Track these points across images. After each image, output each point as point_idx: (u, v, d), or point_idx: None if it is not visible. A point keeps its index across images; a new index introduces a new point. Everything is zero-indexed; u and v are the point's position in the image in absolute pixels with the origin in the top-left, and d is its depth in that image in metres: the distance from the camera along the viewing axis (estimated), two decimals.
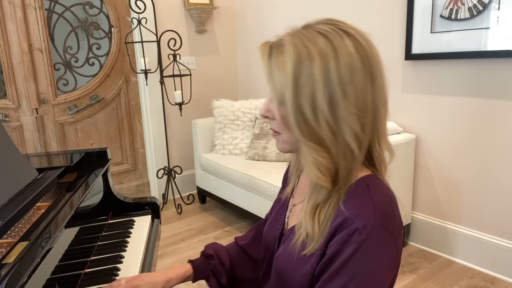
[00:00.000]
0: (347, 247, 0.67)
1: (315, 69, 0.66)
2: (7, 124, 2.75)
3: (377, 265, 0.67)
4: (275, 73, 0.69)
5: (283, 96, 0.69)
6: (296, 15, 2.93)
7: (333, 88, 0.66)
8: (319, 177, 0.69)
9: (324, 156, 0.69)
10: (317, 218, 0.72)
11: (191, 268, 0.98)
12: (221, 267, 0.99)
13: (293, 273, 0.76)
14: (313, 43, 0.68)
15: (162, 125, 3.24)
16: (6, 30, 2.65)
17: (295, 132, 0.70)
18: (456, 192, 2.23)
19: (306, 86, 0.67)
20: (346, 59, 0.67)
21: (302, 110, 0.68)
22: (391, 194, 0.75)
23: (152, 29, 3.00)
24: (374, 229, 0.66)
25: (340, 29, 0.70)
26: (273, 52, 0.71)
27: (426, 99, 2.28)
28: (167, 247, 2.59)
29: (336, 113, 0.67)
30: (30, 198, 1.03)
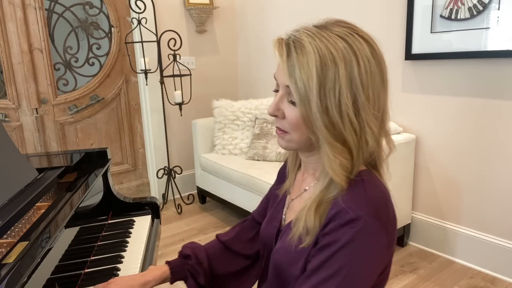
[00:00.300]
0: (340, 237, 0.68)
1: (340, 74, 0.68)
2: (7, 124, 2.75)
3: (368, 256, 0.68)
4: (298, 74, 0.69)
5: (307, 98, 0.70)
6: (296, 15, 2.93)
7: (357, 92, 0.69)
8: (340, 177, 0.71)
9: (348, 158, 0.71)
10: (318, 213, 0.74)
11: (168, 269, 0.97)
12: (198, 267, 0.99)
13: (289, 267, 0.78)
14: (334, 47, 0.69)
15: (162, 125, 3.24)
16: (6, 30, 2.65)
17: (323, 134, 0.70)
18: (456, 192, 2.23)
19: (332, 89, 0.68)
20: (366, 65, 0.70)
21: (328, 112, 0.69)
22: (385, 190, 0.76)
23: (152, 29, 3.00)
24: (367, 220, 0.67)
25: (356, 33, 0.72)
26: (292, 51, 0.71)
27: (426, 99, 2.28)
28: (167, 247, 2.59)
29: (360, 115, 0.70)
30: (30, 198, 1.03)
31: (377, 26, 2.44)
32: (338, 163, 0.70)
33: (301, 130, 0.74)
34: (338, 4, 2.65)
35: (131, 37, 3.08)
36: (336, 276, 0.67)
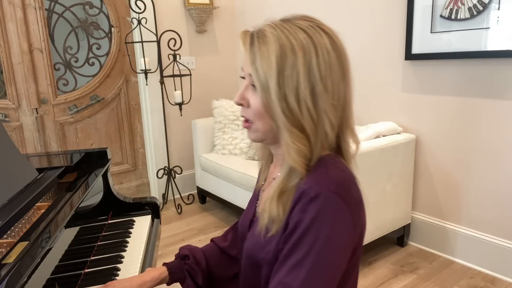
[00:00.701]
0: (305, 217, 0.69)
1: (298, 62, 0.71)
2: (7, 124, 2.75)
3: (335, 232, 0.69)
4: (259, 62, 0.73)
5: (267, 85, 0.72)
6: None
7: (315, 81, 0.72)
8: (299, 163, 0.73)
9: (306, 145, 0.73)
10: (281, 201, 0.75)
11: (166, 270, 0.97)
12: (197, 267, 0.99)
13: (260, 252, 0.79)
14: (294, 37, 0.72)
15: (162, 125, 3.24)
16: (6, 30, 2.65)
17: (280, 120, 0.73)
18: (456, 192, 2.23)
19: (290, 77, 0.71)
20: (325, 55, 0.73)
21: (286, 99, 0.72)
22: (348, 172, 0.77)
23: (152, 29, 3.00)
24: (329, 196, 0.69)
25: (318, 26, 0.76)
26: (255, 41, 0.74)
27: (426, 99, 2.28)
28: (167, 247, 2.59)
29: (317, 104, 0.72)
30: (30, 198, 1.03)
31: (377, 26, 2.44)
32: (295, 149, 0.72)
33: (264, 119, 0.76)
34: (338, 4, 2.64)
35: (131, 37, 3.08)
36: (309, 255, 0.68)
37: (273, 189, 0.77)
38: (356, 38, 2.57)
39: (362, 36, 2.53)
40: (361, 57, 2.56)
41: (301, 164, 0.73)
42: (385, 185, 2.21)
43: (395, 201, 2.29)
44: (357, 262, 0.79)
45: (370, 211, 2.44)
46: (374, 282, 2.10)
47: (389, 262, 2.28)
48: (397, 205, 2.32)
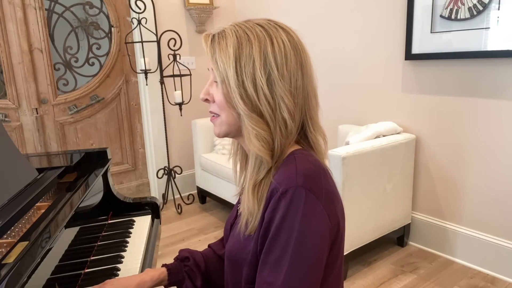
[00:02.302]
0: (276, 214, 0.71)
1: (254, 51, 0.75)
2: (7, 124, 2.75)
3: (308, 226, 0.70)
4: (218, 55, 0.78)
5: (226, 75, 0.77)
6: (295, 15, 2.93)
7: (270, 68, 0.75)
8: (261, 150, 0.76)
9: (265, 129, 0.76)
10: (256, 195, 0.77)
11: (166, 271, 0.97)
12: (196, 269, 0.99)
13: (240, 253, 0.81)
14: (251, 31, 0.77)
15: (162, 125, 3.24)
16: (6, 30, 2.65)
17: (239, 106, 0.76)
18: (456, 192, 2.23)
19: (247, 65, 0.75)
20: (280, 46, 0.76)
21: (244, 86, 0.75)
22: (319, 164, 0.78)
23: (152, 29, 3.00)
24: (298, 190, 0.70)
25: (276, 24, 0.80)
26: (215, 38, 0.79)
27: (426, 99, 2.28)
28: (167, 247, 2.59)
29: (274, 89, 0.75)
30: (30, 198, 1.03)
31: (377, 26, 2.44)
32: (255, 134, 0.75)
33: (226, 110, 0.80)
34: (338, 4, 2.64)
35: (131, 37, 3.08)
36: (286, 251, 0.70)
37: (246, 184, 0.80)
38: (356, 38, 2.57)
39: (362, 36, 2.53)
40: (361, 57, 2.56)
41: (263, 150, 0.75)
42: (385, 185, 2.21)
43: (395, 201, 2.29)
44: (339, 254, 0.80)
45: (370, 211, 2.43)
46: (374, 282, 2.10)
47: (389, 262, 2.28)
48: (397, 205, 2.32)
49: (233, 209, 0.97)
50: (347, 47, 2.64)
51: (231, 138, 0.89)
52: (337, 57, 2.71)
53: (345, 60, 2.67)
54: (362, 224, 2.15)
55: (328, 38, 2.75)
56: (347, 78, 2.68)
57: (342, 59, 2.68)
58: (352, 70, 2.64)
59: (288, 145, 0.79)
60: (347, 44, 2.63)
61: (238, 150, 0.92)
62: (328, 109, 2.81)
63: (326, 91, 2.80)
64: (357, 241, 2.15)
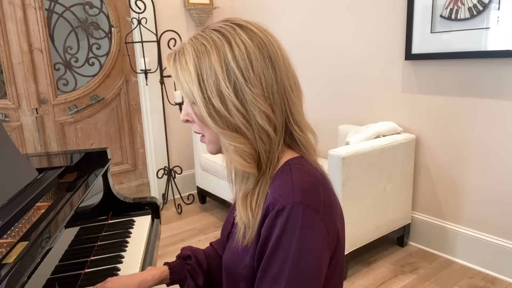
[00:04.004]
0: (273, 231, 0.68)
1: (214, 61, 0.70)
2: (7, 124, 2.75)
3: (306, 243, 0.68)
4: (180, 75, 0.73)
5: (192, 94, 0.72)
6: (295, 15, 2.93)
7: (235, 75, 0.70)
8: (244, 164, 0.72)
9: (243, 142, 0.72)
10: (249, 205, 0.74)
11: (167, 269, 0.97)
12: (198, 268, 0.98)
13: (237, 267, 0.78)
14: (207, 39, 0.72)
15: (162, 125, 3.24)
16: (6, 30, 2.65)
17: (211, 125, 0.72)
18: (456, 192, 2.23)
19: (209, 79, 0.70)
20: (241, 48, 0.71)
21: (211, 102, 0.71)
22: (316, 173, 0.75)
23: (152, 29, 3.00)
24: (295, 207, 0.67)
25: (233, 23, 0.74)
26: (176, 57, 0.75)
27: (426, 99, 2.28)
28: (167, 247, 2.59)
29: (243, 98, 0.70)
30: (30, 198, 1.03)
31: (377, 26, 2.44)
32: (233, 150, 0.72)
33: (206, 128, 0.76)
34: (338, 4, 2.64)
35: (131, 37, 3.08)
36: (283, 271, 0.68)
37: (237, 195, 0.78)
38: (356, 38, 2.57)
39: (362, 36, 2.53)
40: (361, 57, 2.56)
41: (246, 164, 0.72)
42: (385, 185, 2.21)
43: (395, 201, 2.29)
44: (338, 263, 0.78)
45: (370, 211, 2.43)
46: (374, 282, 2.10)
47: (389, 262, 2.28)
48: (397, 205, 2.32)
49: (229, 215, 0.95)
50: (347, 47, 2.64)
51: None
52: (337, 57, 2.71)
53: (345, 60, 2.67)
54: (362, 224, 2.15)
55: (328, 38, 2.75)
56: (347, 78, 2.68)
57: (342, 59, 2.68)
58: (352, 70, 2.64)
59: (276, 149, 0.74)
60: (347, 44, 2.63)
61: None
62: (328, 109, 2.81)
63: (326, 91, 2.80)
64: (357, 241, 2.15)
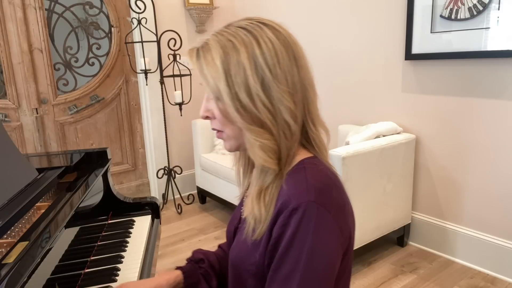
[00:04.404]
0: (287, 230, 0.69)
1: (242, 57, 0.71)
2: (7, 124, 2.75)
3: (319, 242, 0.68)
4: (206, 70, 0.73)
5: (218, 90, 0.72)
6: (296, 15, 2.93)
7: (263, 72, 0.71)
8: (267, 160, 0.73)
9: (268, 138, 0.72)
10: (262, 200, 0.74)
11: (181, 274, 0.96)
12: (211, 271, 0.98)
13: (244, 263, 0.78)
14: (234, 36, 0.73)
15: (162, 125, 3.24)
16: (6, 30, 2.65)
17: (237, 121, 0.73)
18: (456, 192, 2.23)
19: (238, 75, 0.71)
20: (268, 45, 0.72)
21: (238, 97, 0.71)
22: (329, 173, 0.76)
23: (152, 29, 3.00)
24: (309, 206, 0.68)
25: (258, 22, 0.76)
26: (200, 52, 0.75)
27: (426, 99, 2.28)
28: (167, 247, 2.59)
29: (270, 94, 0.72)
30: (30, 198, 1.03)
31: (377, 26, 2.44)
32: (258, 146, 0.72)
33: (228, 125, 0.76)
34: (338, 4, 2.64)
35: (131, 37, 3.08)
36: (296, 269, 0.68)
37: (252, 190, 0.77)
38: (356, 38, 2.57)
39: (362, 36, 2.53)
40: (361, 57, 2.56)
41: (270, 160, 0.73)
42: (385, 185, 2.21)
43: (395, 201, 2.29)
44: (348, 264, 0.78)
45: (370, 211, 2.42)
46: (374, 282, 2.10)
47: (389, 262, 2.28)
48: (397, 205, 2.32)
49: (236, 211, 0.95)
50: (347, 47, 2.64)
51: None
52: (337, 57, 2.71)
53: (345, 60, 2.67)
54: (362, 224, 2.15)
55: (328, 38, 2.75)
56: (347, 78, 2.68)
57: (342, 59, 2.68)
58: (352, 70, 2.64)
59: (294, 148, 0.75)
60: (347, 44, 2.63)
61: (241, 157, 0.91)
62: (328, 109, 2.81)
63: (326, 91, 2.80)
64: (357, 241, 2.15)
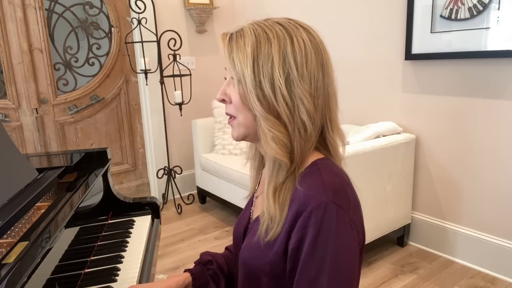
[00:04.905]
0: (308, 232, 0.69)
1: (273, 50, 0.73)
2: (7, 124, 2.75)
3: (342, 242, 0.69)
4: (235, 54, 0.75)
5: (243, 74, 0.74)
6: (295, 15, 2.92)
7: (290, 68, 0.72)
8: (278, 152, 0.73)
9: (282, 132, 0.73)
10: (277, 199, 0.75)
11: (190, 276, 0.97)
12: (220, 272, 0.99)
13: (257, 263, 0.78)
14: (270, 29, 0.75)
15: (162, 125, 3.24)
16: (6, 30, 2.65)
17: (256, 108, 0.73)
18: (456, 192, 2.23)
19: (265, 65, 0.73)
20: (300, 45, 0.74)
21: (261, 86, 0.73)
22: (343, 174, 0.77)
23: (152, 29, 3.00)
24: (328, 207, 0.68)
25: (296, 22, 0.78)
26: (233, 37, 0.76)
27: (426, 99, 2.28)
28: (167, 247, 2.59)
29: (293, 91, 0.73)
30: (30, 198, 1.03)
31: (377, 26, 2.44)
32: (272, 136, 0.73)
33: (243, 111, 0.77)
34: (338, 4, 2.64)
35: (131, 37, 3.08)
36: (323, 271, 0.68)
37: (265, 188, 0.77)
38: (356, 38, 2.57)
39: (362, 36, 2.53)
40: (361, 57, 2.56)
41: (281, 153, 0.73)
42: (385, 185, 2.21)
43: (395, 201, 2.29)
44: (360, 263, 0.79)
45: (370, 211, 2.42)
46: (374, 282, 2.10)
47: (389, 262, 2.28)
48: (397, 205, 2.32)
49: (244, 211, 0.95)
50: (347, 47, 2.64)
51: (248, 142, 0.87)
52: (337, 57, 2.70)
53: (345, 60, 2.67)
54: None
55: (328, 38, 2.73)
56: (347, 78, 2.68)
57: (342, 59, 2.68)
58: (352, 70, 2.64)
59: (308, 150, 0.76)
60: (347, 44, 2.63)
61: (256, 154, 0.91)
62: None
63: None
64: None
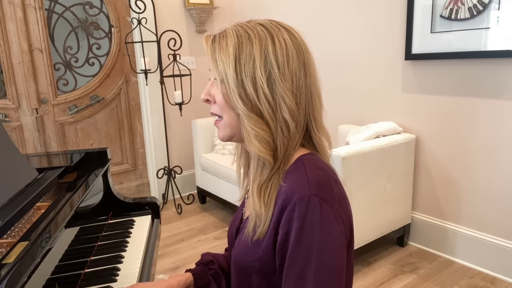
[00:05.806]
0: (292, 225, 0.70)
1: (255, 50, 0.74)
2: (7, 124, 2.75)
3: (327, 235, 0.69)
4: (218, 54, 0.77)
5: (225, 74, 0.76)
6: (296, 15, 2.93)
7: (271, 67, 0.74)
8: (261, 150, 0.74)
9: (265, 130, 0.75)
10: (262, 197, 0.76)
11: (191, 276, 0.97)
12: (221, 272, 0.99)
13: (247, 260, 0.79)
14: (252, 30, 0.76)
15: (162, 125, 3.24)
16: (6, 30, 2.65)
17: (238, 107, 0.75)
18: (456, 192, 2.23)
19: (247, 64, 0.74)
20: (282, 45, 0.75)
21: (243, 85, 0.74)
22: (328, 169, 0.78)
23: (152, 29, 3.00)
24: (312, 200, 0.69)
25: (277, 23, 0.79)
26: (216, 38, 0.78)
27: (426, 99, 2.28)
28: (167, 247, 2.59)
29: (274, 89, 0.74)
30: (30, 198, 1.03)
31: (377, 26, 2.44)
32: (254, 134, 0.74)
33: (227, 110, 0.79)
34: (338, 4, 2.64)
35: (131, 37, 3.08)
36: (309, 264, 0.68)
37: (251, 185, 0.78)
38: (356, 38, 2.57)
39: (362, 36, 2.53)
40: (361, 57, 2.56)
41: (264, 151, 0.74)
42: (385, 185, 2.21)
43: (395, 201, 2.29)
44: (350, 259, 0.80)
45: (370, 211, 2.42)
46: (374, 282, 2.10)
47: (389, 262, 2.28)
48: (397, 205, 2.32)
49: (237, 213, 0.96)
50: (347, 47, 2.64)
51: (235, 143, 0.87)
52: (337, 57, 2.71)
53: (345, 60, 2.67)
54: (362, 224, 2.15)
55: (328, 38, 2.75)
56: (347, 78, 2.68)
57: (342, 59, 2.68)
58: (352, 70, 2.64)
59: (293, 148, 0.77)
60: (347, 44, 2.63)
61: (242, 153, 0.91)
62: (328, 109, 2.79)
63: (326, 91, 2.79)
64: (357, 241, 2.15)
